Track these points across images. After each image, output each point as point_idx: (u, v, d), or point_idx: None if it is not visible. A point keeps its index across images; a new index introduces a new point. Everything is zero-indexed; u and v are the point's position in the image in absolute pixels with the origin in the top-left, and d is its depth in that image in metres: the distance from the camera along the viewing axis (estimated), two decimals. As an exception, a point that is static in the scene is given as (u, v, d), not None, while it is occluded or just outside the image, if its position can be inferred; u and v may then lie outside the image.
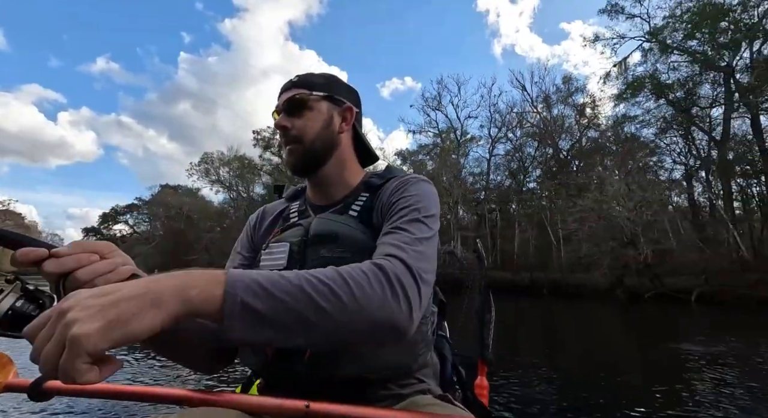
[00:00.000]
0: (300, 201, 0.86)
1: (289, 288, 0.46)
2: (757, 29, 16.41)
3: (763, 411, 3.51)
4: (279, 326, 0.45)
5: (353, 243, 0.69)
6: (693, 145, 21.93)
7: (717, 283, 15.35)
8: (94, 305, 0.37)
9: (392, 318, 0.49)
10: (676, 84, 20.33)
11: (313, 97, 0.77)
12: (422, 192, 0.72)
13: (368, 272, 0.51)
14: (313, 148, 0.77)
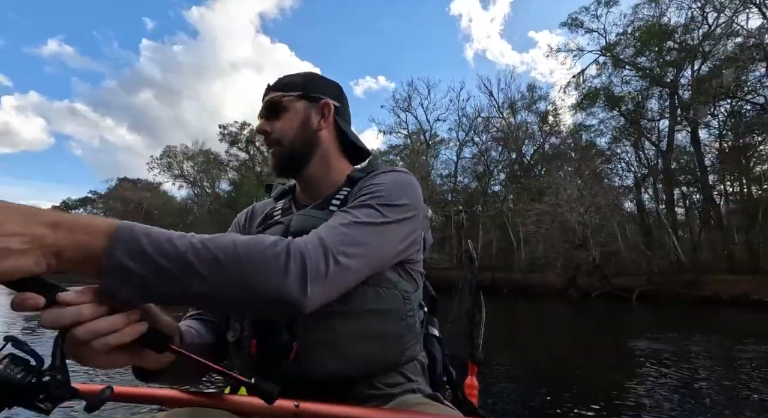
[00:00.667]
0: (286, 200, 0.86)
1: (172, 253, 0.44)
2: (696, 50, 17.86)
3: (695, 398, 3.93)
4: (160, 292, 0.44)
5: None
6: (643, 154, 23.60)
7: (656, 283, 16.64)
8: None
9: (279, 295, 0.48)
10: (627, 97, 21.74)
11: (287, 98, 0.76)
12: (390, 181, 0.70)
13: (268, 245, 0.50)
14: (294, 149, 0.77)
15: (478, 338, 1.01)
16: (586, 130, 24.26)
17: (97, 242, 0.41)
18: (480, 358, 1.00)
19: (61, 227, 0.40)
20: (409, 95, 31.22)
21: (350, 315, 0.64)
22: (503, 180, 28.69)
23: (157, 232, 0.46)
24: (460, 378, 0.92)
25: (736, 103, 16.82)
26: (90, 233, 0.41)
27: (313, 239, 0.54)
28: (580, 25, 23.14)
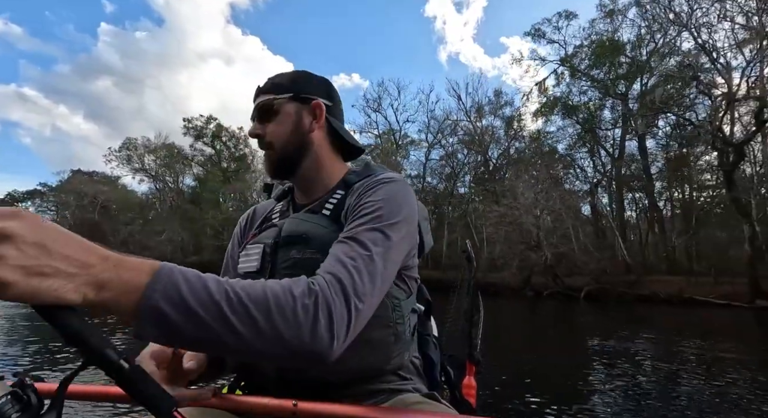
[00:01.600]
0: (285, 201, 0.86)
1: (207, 301, 0.44)
2: (644, 66, 19.13)
3: (635, 392, 4.28)
4: (189, 338, 0.44)
5: (323, 244, 0.67)
6: (600, 160, 25.02)
7: (603, 282, 17.73)
8: (31, 256, 0.35)
9: (309, 349, 0.48)
10: (582, 106, 22.94)
11: (278, 101, 0.76)
12: (391, 196, 0.69)
13: (298, 296, 0.49)
14: (286, 151, 0.77)
15: (477, 338, 1.00)
16: (545, 137, 25.36)
17: (140, 280, 0.41)
18: (478, 358, 0.99)
19: (110, 260, 0.40)
20: (379, 96, 31.40)
21: None
22: (469, 182, 29.54)
23: (195, 276, 0.46)
24: (458, 378, 0.92)
25: (677, 117, 18.12)
26: (134, 270, 0.42)
27: (336, 287, 0.53)
28: (542, 36, 24.17)
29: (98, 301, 0.39)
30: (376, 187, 0.71)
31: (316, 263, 0.60)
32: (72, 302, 0.37)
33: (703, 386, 4.43)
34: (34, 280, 0.35)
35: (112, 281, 0.40)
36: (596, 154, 24.75)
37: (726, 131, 15.72)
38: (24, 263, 0.35)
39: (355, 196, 0.72)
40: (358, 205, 0.68)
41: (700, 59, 15.11)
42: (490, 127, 28.77)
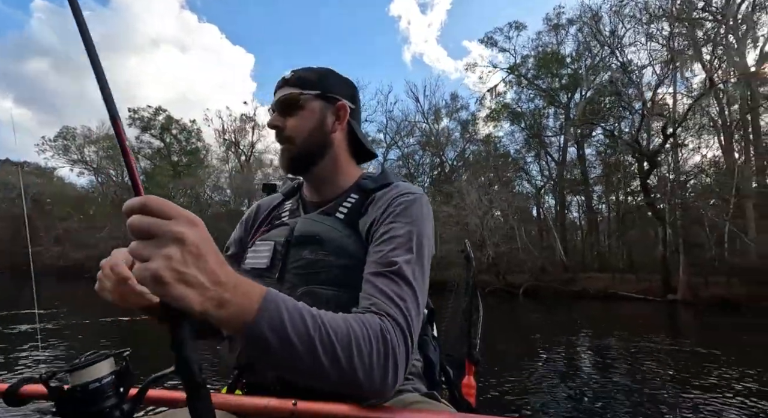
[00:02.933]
0: (294, 199, 0.85)
1: (303, 333, 0.47)
2: (581, 79, 20.55)
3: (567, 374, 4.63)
4: (279, 362, 0.48)
5: (336, 247, 0.68)
6: (547, 164, 26.54)
7: (542, 280, 18.90)
8: (189, 264, 0.39)
9: (377, 389, 0.53)
10: (527, 113, 24.23)
11: (305, 97, 0.75)
12: (418, 216, 0.69)
13: (374, 342, 0.52)
14: (305, 148, 0.76)
15: (476, 337, 1.00)
16: (494, 141, 26.54)
17: (251, 305, 0.45)
18: (477, 357, 0.99)
19: (231, 280, 0.43)
20: (337, 94, 31.23)
21: None
22: (426, 183, 30.22)
23: (293, 307, 0.48)
24: (457, 378, 0.92)
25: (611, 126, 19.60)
26: (247, 294, 0.45)
27: (398, 331, 0.56)
28: (495, 44, 25.23)
29: (215, 317, 0.42)
30: (404, 205, 0.70)
31: (327, 265, 0.64)
32: (195, 312, 0.40)
33: (624, 374, 4.86)
34: (181, 285, 0.38)
35: (231, 302, 0.43)
36: (543, 158, 26.29)
37: (648, 142, 17.31)
38: (182, 269, 0.38)
39: (382, 209, 0.71)
40: (389, 225, 0.67)
41: (625, 76, 16.54)
42: (446, 130, 29.69)
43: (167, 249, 0.38)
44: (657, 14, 17.91)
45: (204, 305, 0.40)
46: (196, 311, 0.40)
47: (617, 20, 18.70)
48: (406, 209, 0.70)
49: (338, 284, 0.66)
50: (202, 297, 0.40)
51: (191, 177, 30.19)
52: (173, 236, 0.38)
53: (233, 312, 0.43)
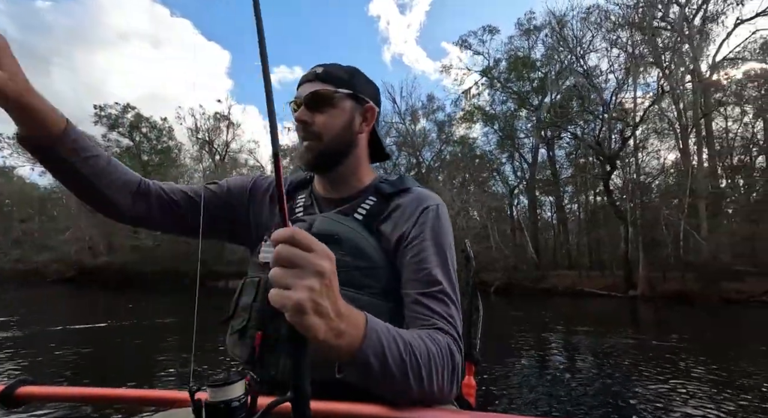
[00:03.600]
0: (306, 194, 0.84)
1: (398, 359, 0.53)
2: (550, 82, 21.24)
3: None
4: (377, 381, 0.53)
5: (354, 248, 0.69)
6: (521, 165, 27.25)
7: (513, 278, 19.47)
8: (324, 295, 0.42)
9: (444, 397, 0.61)
10: (500, 115, 24.84)
11: (338, 95, 0.75)
12: (447, 227, 0.75)
13: (447, 360, 0.60)
14: (332, 146, 0.75)
15: (476, 337, 1.01)
16: (469, 142, 27.06)
17: (358, 334, 0.49)
18: (477, 357, 1.01)
19: (343, 311, 0.47)
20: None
21: None
22: (403, 183, 30.36)
23: (386, 331, 0.54)
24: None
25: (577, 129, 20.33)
26: (355, 325, 0.49)
27: (456, 348, 0.63)
28: (469, 47, 25.71)
29: (332, 346, 0.46)
30: (431, 218, 0.74)
31: (345, 266, 0.65)
32: (319, 340, 0.43)
33: (589, 369, 5.06)
34: (315, 316, 0.41)
35: (346, 332, 0.47)
36: (516, 160, 27.01)
37: (609, 145, 18.12)
38: (319, 300, 0.41)
39: (411, 223, 0.73)
40: (423, 241, 0.71)
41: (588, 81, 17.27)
42: (423, 130, 30.01)
43: (310, 280, 0.40)
44: (619, 23, 18.78)
45: (326, 335, 0.43)
46: (319, 340, 0.43)
47: (584, 27, 19.50)
48: (435, 221, 0.73)
49: (356, 286, 0.68)
50: (327, 327, 0.43)
51: (163, 176, 29.28)
52: (315, 269, 0.41)
53: (347, 342, 0.48)
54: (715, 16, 18.74)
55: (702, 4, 18.46)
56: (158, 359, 5.17)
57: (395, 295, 0.70)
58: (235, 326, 0.72)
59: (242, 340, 0.69)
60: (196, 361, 4.60)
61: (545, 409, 3.56)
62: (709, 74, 19.40)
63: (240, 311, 0.73)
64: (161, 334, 7.01)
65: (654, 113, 17.09)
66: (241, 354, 0.69)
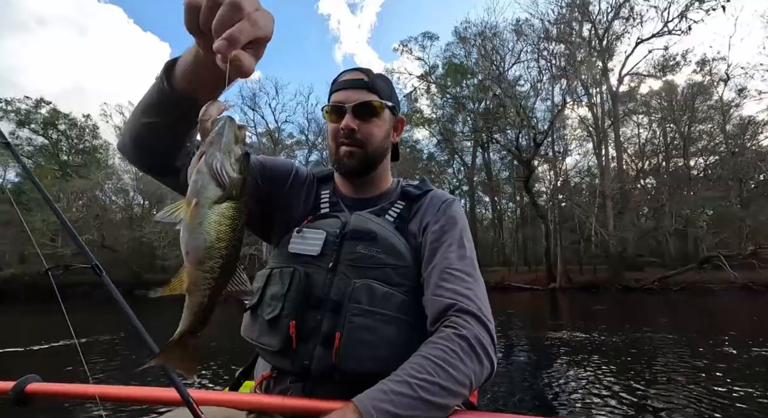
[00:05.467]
0: (330, 190, 0.85)
1: (412, 404, 0.52)
2: (477, 90, 22.48)
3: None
4: None
5: (389, 246, 0.72)
6: (461, 167, 28.49)
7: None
8: None
9: (487, 373, 0.61)
10: (440, 119, 25.83)
11: (384, 106, 0.79)
12: (462, 215, 0.80)
13: (458, 349, 0.58)
14: (374, 155, 0.79)
15: None
16: (413, 144, 27.81)
17: None
18: None
19: None
20: (253, 93, 30.15)
21: (391, 321, 0.68)
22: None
23: (382, 392, 0.53)
24: None
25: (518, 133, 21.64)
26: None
27: (476, 321, 0.63)
28: (410, 52, 26.42)
29: None
30: (449, 205, 0.80)
31: (380, 262, 0.69)
32: None
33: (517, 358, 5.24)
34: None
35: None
36: (457, 162, 28.24)
37: (529, 149, 19.57)
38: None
39: (430, 214, 0.79)
40: (443, 230, 0.75)
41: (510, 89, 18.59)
42: (368, 133, 30.21)
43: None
44: (543, 36, 20.37)
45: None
46: None
47: (508, 39, 20.89)
48: (450, 210, 0.79)
49: (390, 283, 0.70)
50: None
51: (85, 179, 26.84)
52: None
53: None
54: (620, 35, 21.00)
55: (610, 25, 20.59)
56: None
57: (419, 291, 0.73)
58: (264, 315, 0.71)
59: (273, 329, 0.70)
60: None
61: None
62: (617, 86, 21.67)
63: (269, 300, 0.72)
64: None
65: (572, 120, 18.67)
66: (271, 343, 0.69)
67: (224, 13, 0.40)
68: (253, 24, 0.40)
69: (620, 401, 3.07)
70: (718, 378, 3.61)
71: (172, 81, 0.53)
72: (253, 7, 0.41)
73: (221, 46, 0.39)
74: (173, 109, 0.55)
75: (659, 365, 4.28)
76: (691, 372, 3.88)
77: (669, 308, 10.58)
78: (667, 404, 3.03)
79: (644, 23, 20.63)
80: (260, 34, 0.41)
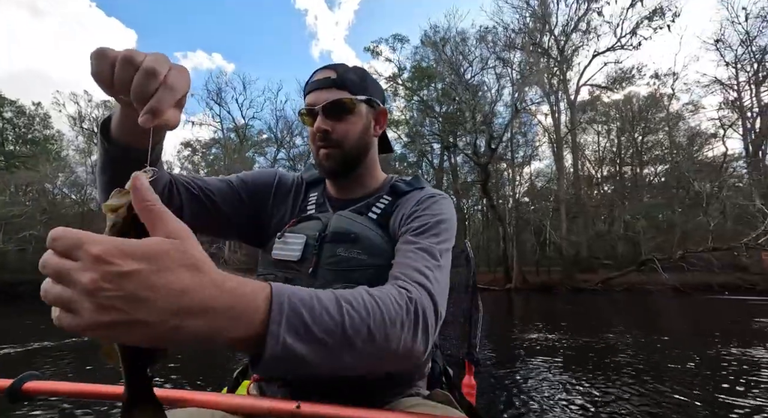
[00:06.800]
0: (318, 192, 0.83)
1: (331, 326, 0.42)
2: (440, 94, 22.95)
3: None
4: (314, 367, 0.42)
5: (370, 246, 0.68)
6: (430, 169, 28.86)
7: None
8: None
9: (414, 355, 0.51)
10: (406, 121, 26.11)
11: (356, 102, 0.74)
12: (447, 212, 0.72)
13: (403, 307, 0.50)
14: (352, 153, 0.76)
15: (476, 337, 0.99)
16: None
17: (259, 317, 0.37)
18: (477, 357, 0.98)
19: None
20: (219, 88, 29.45)
21: None
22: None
23: (310, 299, 0.42)
24: (457, 378, 0.91)
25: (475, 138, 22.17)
26: (243, 300, 0.36)
27: (425, 295, 0.55)
28: (380, 54, 26.57)
29: (201, 331, 0.34)
30: (434, 200, 0.74)
31: (362, 264, 0.64)
32: (163, 332, 0.33)
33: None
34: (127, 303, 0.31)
35: (213, 310, 0.35)
36: (425, 163, 28.60)
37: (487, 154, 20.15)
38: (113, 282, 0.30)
39: (411, 204, 0.74)
40: (419, 214, 0.71)
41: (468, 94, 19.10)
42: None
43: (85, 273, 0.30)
44: (507, 44, 21.03)
45: (167, 319, 0.33)
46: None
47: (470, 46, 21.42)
48: (436, 203, 0.74)
49: (373, 284, 0.64)
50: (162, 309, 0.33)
51: (34, 171, 25.27)
52: (88, 257, 0.30)
53: (232, 323, 0.37)
54: (578, 47, 21.99)
55: (568, 37, 21.51)
56: None
57: None
58: None
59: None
60: None
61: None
62: (574, 96, 22.66)
63: None
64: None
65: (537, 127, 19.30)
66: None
67: (141, 82, 0.39)
68: (171, 90, 0.40)
69: (572, 401, 3.17)
70: (658, 376, 3.81)
71: (111, 137, 0.54)
72: (167, 68, 0.40)
73: (146, 120, 0.39)
74: (122, 162, 0.55)
75: (605, 363, 4.46)
76: (634, 370, 4.07)
77: (612, 307, 11.20)
78: (613, 398, 3.17)
79: (600, 38, 21.71)
80: (180, 96, 0.42)
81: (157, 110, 0.39)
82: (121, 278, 0.28)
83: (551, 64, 21.18)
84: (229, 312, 0.34)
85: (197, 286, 0.32)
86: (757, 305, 10.57)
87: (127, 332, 0.29)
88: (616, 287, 16.05)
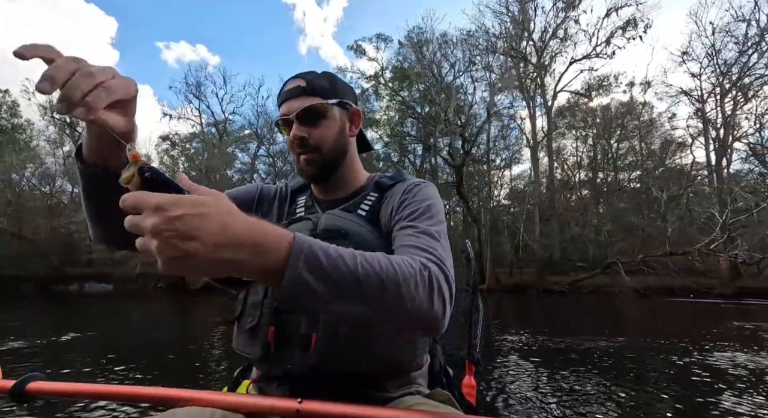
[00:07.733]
0: (306, 196, 0.87)
1: (344, 271, 0.46)
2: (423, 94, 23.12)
3: None
4: (325, 302, 0.46)
5: (362, 242, 0.70)
6: (413, 170, 28.94)
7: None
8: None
9: (432, 317, 0.52)
10: (387, 122, 26.20)
11: (328, 106, 0.77)
12: (434, 196, 0.76)
13: (416, 269, 0.52)
14: (330, 156, 0.78)
15: (476, 337, 1.00)
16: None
17: (280, 254, 0.44)
18: (477, 358, 0.99)
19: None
20: (198, 81, 28.90)
21: None
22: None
23: (327, 246, 0.48)
24: (457, 378, 0.92)
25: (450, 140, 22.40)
26: (270, 239, 0.44)
27: (436, 266, 0.56)
28: (363, 53, 26.53)
29: (236, 261, 0.43)
30: (419, 187, 0.78)
31: None
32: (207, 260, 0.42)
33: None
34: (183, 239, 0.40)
35: (245, 246, 0.43)
36: (408, 164, 28.69)
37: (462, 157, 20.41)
38: (173, 222, 0.40)
39: (398, 195, 0.76)
40: (408, 201, 0.74)
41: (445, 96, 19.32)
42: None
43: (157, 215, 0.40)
44: (488, 48, 21.32)
45: (211, 252, 0.42)
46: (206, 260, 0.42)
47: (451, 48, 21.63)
48: (420, 191, 0.77)
49: None
50: (207, 242, 0.42)
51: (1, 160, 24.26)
52: (152, 206, 0.40)
53: (261, 258, 0.45)
54: (556, 53, 22.46)
55: (546, 44, 21.96)
56: None
57: None
58: (245, 324, 0.72)
59: (254, 337, 0.71)
60: None
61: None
62: (551, 102, 23.14)
63: (250, 309, 0.73)
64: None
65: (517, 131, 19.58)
66: (254, 352, 0.71)
67: (76, 78, 0.41)
68: (107, 90, 0.43)
69: (544, 400, 3.22)
70: (625, 377, 3.93)
71: (86, 162, 0.57)
72: (110, 75, 0.44)
73: (62, 108, 0.41)
74: (101, 186, 0.57)
75: (572, 362, 4.56)
76: (603, 370, 4.18)
77: (578, 308, 11.50)
78: (585, 397, 3.24)
79: (577, 45, 22.24)
80: (118, 98, 0.44)
81: (91, 105, 0.42)
82: (174, 221, 0.37)
83: (529, 70, 21.58)
84: (258, 247, 0.42)
85: (231, 226, 0.40)
86: (714, 308, 11.03)
87: (183, 264, 0.38)
88: (583, 289, 16.49)
